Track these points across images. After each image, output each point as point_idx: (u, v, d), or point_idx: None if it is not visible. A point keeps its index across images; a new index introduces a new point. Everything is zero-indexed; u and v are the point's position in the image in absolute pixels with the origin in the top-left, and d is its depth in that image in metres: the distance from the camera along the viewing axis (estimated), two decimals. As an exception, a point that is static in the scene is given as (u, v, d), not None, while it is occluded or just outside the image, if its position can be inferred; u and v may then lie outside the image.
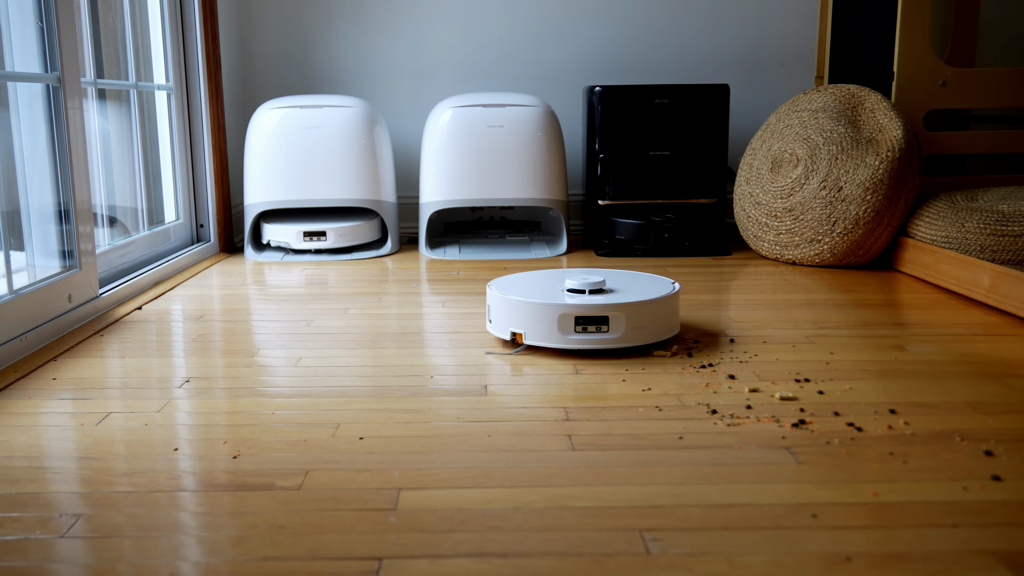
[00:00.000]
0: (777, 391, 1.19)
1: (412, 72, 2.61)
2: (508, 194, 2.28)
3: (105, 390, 1.24)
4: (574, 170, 2.64)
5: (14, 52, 1.51)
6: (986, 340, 1.44)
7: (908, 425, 1.07)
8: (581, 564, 0.76)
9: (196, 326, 1.59)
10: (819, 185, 2.03)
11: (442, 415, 1.12)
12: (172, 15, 2.22)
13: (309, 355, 1.39)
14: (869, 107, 2.09)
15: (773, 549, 0.78)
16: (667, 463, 0.96)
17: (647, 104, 2.31)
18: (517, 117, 2.27)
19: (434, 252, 2.30)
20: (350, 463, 0.97)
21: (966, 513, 0.84)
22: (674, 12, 2.58)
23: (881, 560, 0.76)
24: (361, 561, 0.76)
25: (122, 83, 2.03)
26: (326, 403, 1.17)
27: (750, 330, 1.51)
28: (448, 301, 1.77)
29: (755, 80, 2.61)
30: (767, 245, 2.15)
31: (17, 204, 1.52)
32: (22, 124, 1.52)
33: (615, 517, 0.84)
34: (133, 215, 2.08)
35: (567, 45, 2.60)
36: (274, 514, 0.85)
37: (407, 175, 2.65)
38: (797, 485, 0.90)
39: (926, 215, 1.94)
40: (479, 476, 0.93)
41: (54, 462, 0.99)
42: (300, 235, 2.27)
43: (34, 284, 1.48)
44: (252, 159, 2.29)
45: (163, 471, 0.96)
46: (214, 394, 1.21)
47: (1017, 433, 1.04)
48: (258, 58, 2.60)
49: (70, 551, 0.79)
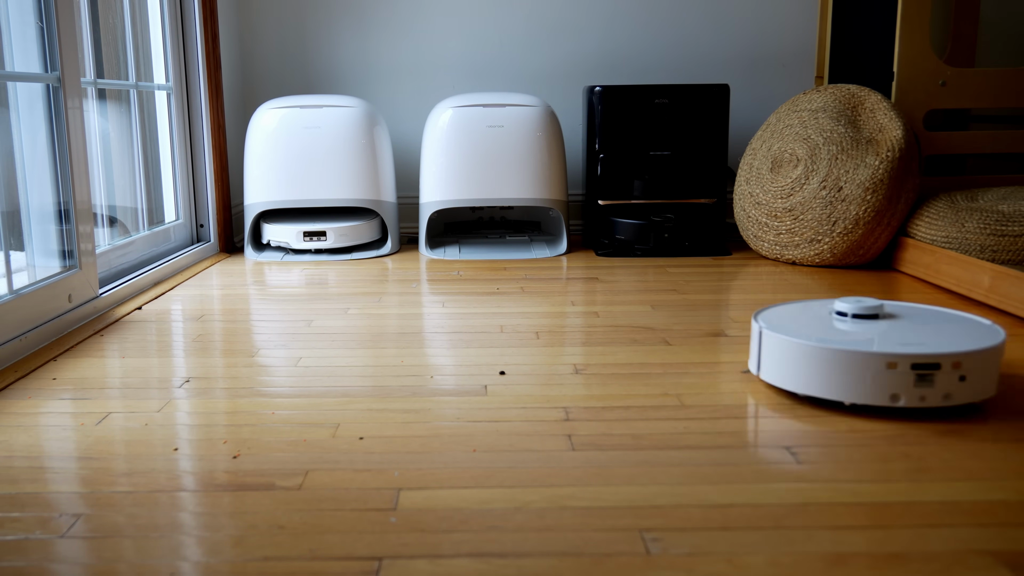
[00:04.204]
0: (777, 391, 1.19)
1: (412, 72, 2.61)
2: (508, 194, 2.28)
3: (105, 390, 1.24)
4: (574, 170, 2.64)
5: (14, 52, 1.51)
6: (986, 340, 1.44)
7: (908, 425, 1.07)
8: (581, 564, 0.76)
9: (196, 326, 1.59)
10: (819, 185, 2.03)
11: (442, 415, 1.12)
12: (172, 15, 2.22)
13: (309, 355, 1.39)
14: (869, 107, 2.09)
15: (773, 549, 0.78)
16: (667, 463, 0.96)
17: (647, 104, 2.31)
18: (517, 117, 2.27)
19: (434, 252, 2.30)
20: (350, 463, 0.97)
21: (966, 513, 0.84)
22: (674, 12, 2.58)
23: (880, 560, 0.76)
24: (361, 561, 0.76)
25: (122, 83, 2.03)
26: (326, 403, 1.17)
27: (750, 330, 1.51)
28: (448, 301, 1.77)
29: (755, 80, 2.61)
30: (767, 245, 2.15)
31: (17, 204, 1.52)
32: (22, 124, 1.52)
33: (615, 517, 0.84)
34: (133, 215, 2.08)
35: (567, 45, 2.60)
36: (274, 514, 0.85)
37: (407, 175, 2.65)
38: (797, 485, 0.90)
39: (926, 215, 1.94)
40: (479, 476, 0.93)
41: (54, 462, 0.99)
42: (300, 235, 2.27)
43: (34, 284, 1.48)
44: (252, 159, 2.29)
45: (163, 471, 0.96)
46: (214, 394, 1.21)
47: (1017, 433, 1.04)
48: (258, 58, 2.60)
49: (70, 551, 0.79)
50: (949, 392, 1.07)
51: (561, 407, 1.14)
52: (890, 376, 1.06)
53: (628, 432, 1.05)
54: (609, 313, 1.64)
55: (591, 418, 1.10)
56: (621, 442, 1.02)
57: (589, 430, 1.06)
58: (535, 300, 1.76)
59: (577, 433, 1.05)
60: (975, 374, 1.07)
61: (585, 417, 1.10)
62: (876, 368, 1.06)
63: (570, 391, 1.20)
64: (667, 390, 1.20)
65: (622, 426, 1.07)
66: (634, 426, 1.07)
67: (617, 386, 1.22)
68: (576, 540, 0.80)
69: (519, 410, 1.13)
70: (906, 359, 1.05)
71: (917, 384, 1.06)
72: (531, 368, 1.31)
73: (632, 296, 1.79)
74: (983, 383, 1.08)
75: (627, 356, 1.37)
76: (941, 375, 1.06)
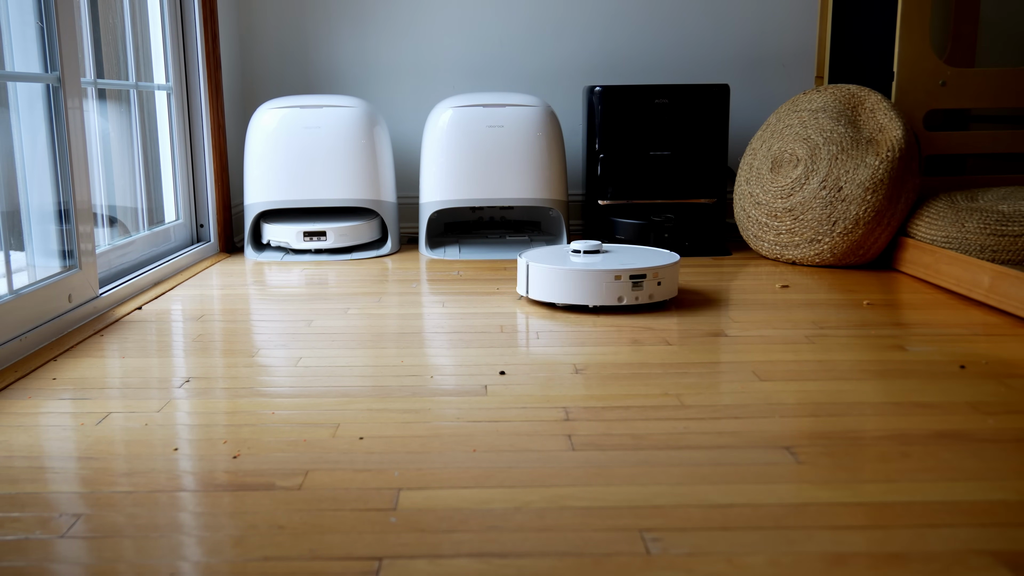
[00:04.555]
0: (777, 390, 1.19)
1: (412, 72, 2.61)
2: (508, 194, 2.28)
3: (105, 390, 1.24)
4: (574, 170, 2.64)
5: (14, 52, 1.51)
6: (986, 340, 1.44)
7: (908, 425, 1.07)
8: (581, 564, 0.76)
9: (196, 326, 1.59)
10: (819, 185, 2.03)
11: (442, 415, 1.12)
12: (172, 15, 2.22)
13: (309, 355, 1.39)
14: (869, 107, 2.09)
15: (773, 549, 0.78)
16: (667, 463, 0.96)
17: (647, 104, 2.31)
18: (517, 117, 2.27)
19: (434, 252, 2.30)
20: (350, 463, 0.97)
21: (966, 513, 0.84)
22: (674, 12, 2.58)
23: (880, 560, 0.76)
24: (361, 561, 0.76)
25: (122, 83, 2.03)
26: (326, 403, 1.17)
27: (750, 330, 1.51)
28: (448, 301, 1.77)
29: (755, 80, 2.61)
30: (767, 245, 2.15)
31: (17, 204, 1.52)
32: (22, 124, 1.52)
33: (615, 517, 0.84)
34: (133, 215, 2.08)
35: (567, 45, 2.60)
36: (274, 514, 0.85)
37: (407, 175, 2.65)
38: (797, 485, 0.90)
39: (926, 215, 1.94)
40: (479, 476, 0.93)
41: (54, 462, 0.99)
42: (300, 235, 2.27)
43: (34, 284, 1.48)
44: (252, 159, 2.29)
45: (163, 471, 0.96)
46: (214, 394, 1.21)
47: (1017, 433, 1.04)
48: (258, 58, 2.60)
49: (70, 551, 0.79)
50: (652, 293, 1.65)
51: (561, 407, 1.14)
52: (616, 285, 1.63)
53: (628, 432, 1.05)
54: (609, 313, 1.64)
55: (591, 418, 1.10)
56: (621, 442, 1.02)
57: (589, 430, 1.06)
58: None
59: (577, 433, 1.05)
60: (667, 281, 1.67)
61: (585, 417, 1.10)
62: (608, 280, 1.62)
63: (570, 391, 1.20)
64: (667, 390, 1.20)
65: (622, 426, 1.07)
66: (634, 426, 1.07)
67: (617, 386, 1.22)
68: (576, 540, 0.80)
69: (519, 410, 1.13)
70: (626, 272, 1.62)
71: (633, 288, 1.63)
72: (531, 368, 1.31)
73: (632, 296, 1.79)
74: (671, 287, 1.69)
75: (627, 356, 1.37)
76: (648, 281, 1.64)
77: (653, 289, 1.64)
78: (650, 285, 1.63)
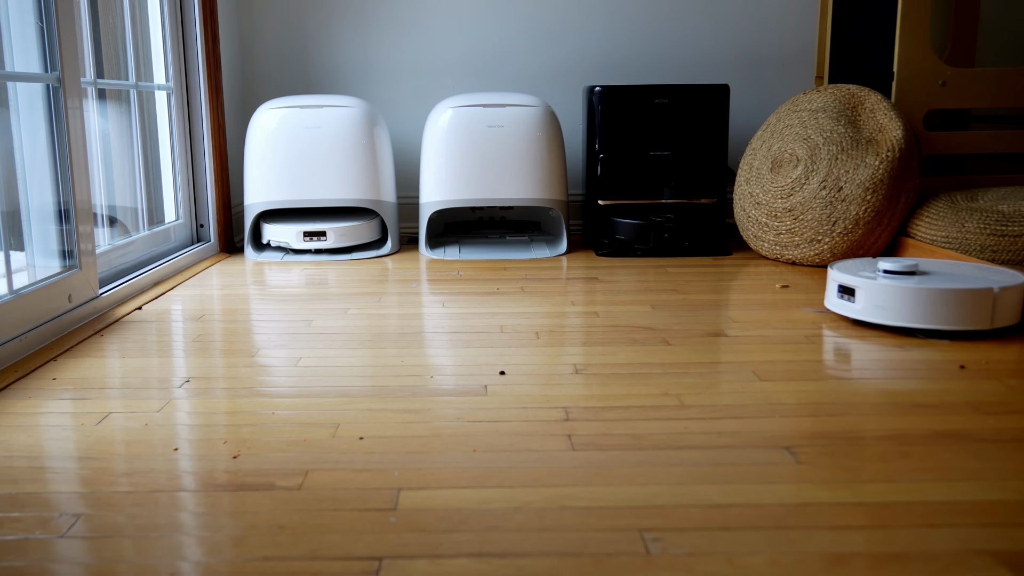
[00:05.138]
0: (777, 391, 1.19)
1: (412, 72, 2.61)
2: (508, 194, 2.28)
3: (105, 390, 1.24)
4: (574, 170, 2.64)
5: (14, 52, 1.51)
6: (986, 340, 1.44)
7: (908, 425, 1.07)
8: (581, 564, 0.76)
9: (196, 326, 1.59)
10: (819, 185, 2.03)
11: (442, 415, 1.12)
12: (172, 15, 2.22)
13: (309, 355, 1.39)
14: (869, 107, 2.09)
15: (773, 549, 0.78)
16: (667, 463, 0.96)
17: (647, 104, 2.31)
18: (517, 117, 2.27)
19: (434, 252, 2.30)
20: (350, 463, 0.97)
21: (966, 513, 0.84)
22: (674, 12, 2.58)
23: (880, 560, 0.76)
24: (361, 561, 0.76)
25: (122, 83, 2.03)
26: (326, 403, 1.17)
27: (750, 330, 1.51)
28: (448, 301, 1.77)
29: (755, 80, 2.61)
30: (767, 245, 2.15)
31: (17, 204, 1.52)
32: (22, 124, 1.52)
33: (615, 517, 0.84)
34: (133, 215, 2.08)
35: (567, 45, 2.60)
36: (274, 514, 0.85)
37: (407, 175, 2.65)
38: (797, 485, 0.90)
39: (926, 215, 1.94)
40: (479, 476, 0.93)
41: (54, 462, 0.99)
42: (300, 235, 2.27)
43: (34, 284, 1.48)
44: (252, 159, 2.29)
45: (163, 471, 0.96)
46: (214, 394, 1.21)
47: (1017, 433, 1.04)
48: (258, 58, 2.60)
49: (70, 551, 0.79)
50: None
51: (561, 407, 1.14)
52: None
53: (628, 432, 1.05)
54: (609, 313, 1.64)
55: (591, 418, 1.10)
56: (621, 442, 1.02)
57: (589, 430, 1.06)
58: (535, 300, 1.76)
59: (577, 433, 1.05)
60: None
61: (585, 417, 1.10)
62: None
63: (570, 391, 1.20)
64: (667, 390, 1.20)
65: (622, 426, 1.07)
66: (634, 426, 1.07)
67: (617, 386, 1.22)
68: (576, 540, 0.80)
69: (519, 410, 1.13)
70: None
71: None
72: (531, 368, 1.31)
73: (632, 296, 1.79)
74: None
75: (627, 356, 1.37)
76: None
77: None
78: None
